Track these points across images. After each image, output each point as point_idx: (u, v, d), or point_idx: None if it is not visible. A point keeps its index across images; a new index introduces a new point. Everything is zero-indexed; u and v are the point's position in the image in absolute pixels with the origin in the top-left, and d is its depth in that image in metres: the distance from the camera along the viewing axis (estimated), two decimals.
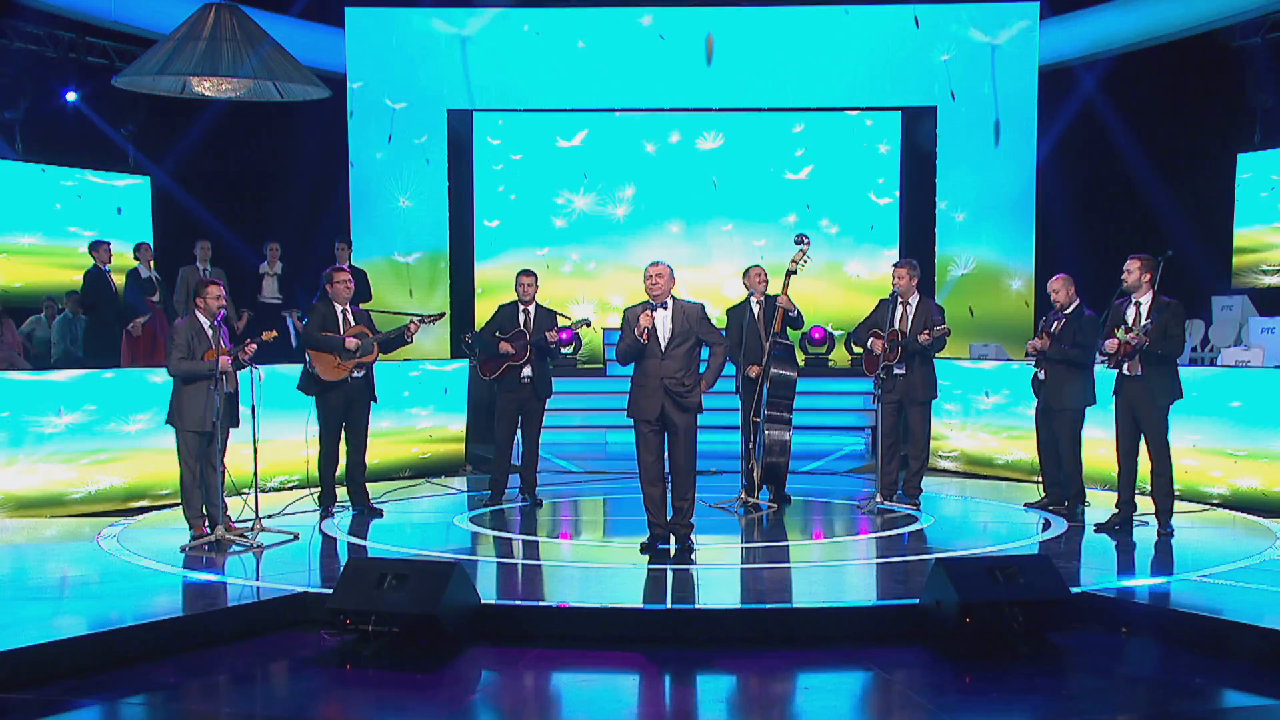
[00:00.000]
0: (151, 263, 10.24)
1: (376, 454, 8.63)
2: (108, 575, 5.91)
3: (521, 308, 7.86)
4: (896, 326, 7.64)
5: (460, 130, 12.51)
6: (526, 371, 7.78)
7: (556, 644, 4.99)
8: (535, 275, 7.94)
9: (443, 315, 7.93)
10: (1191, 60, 11.88)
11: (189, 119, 12.04)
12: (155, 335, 9.87)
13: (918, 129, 12.37)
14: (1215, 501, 7.78)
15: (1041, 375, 7.39)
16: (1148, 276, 6.69)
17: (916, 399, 7.66)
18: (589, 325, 8.09)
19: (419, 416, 9.58)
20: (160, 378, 7.37)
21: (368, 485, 7.70)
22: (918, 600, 5.10)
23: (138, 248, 10.34)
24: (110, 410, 7.76)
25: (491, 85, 12.44)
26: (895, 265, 7.82)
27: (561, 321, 7.89)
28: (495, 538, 6.97)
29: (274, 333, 6.85)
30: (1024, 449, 9.01)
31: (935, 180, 12.22)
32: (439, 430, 9.71)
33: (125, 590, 5.59)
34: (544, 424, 8.10)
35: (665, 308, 6.20)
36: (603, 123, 12.83)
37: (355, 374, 7.36)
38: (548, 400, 7.99)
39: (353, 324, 7.42)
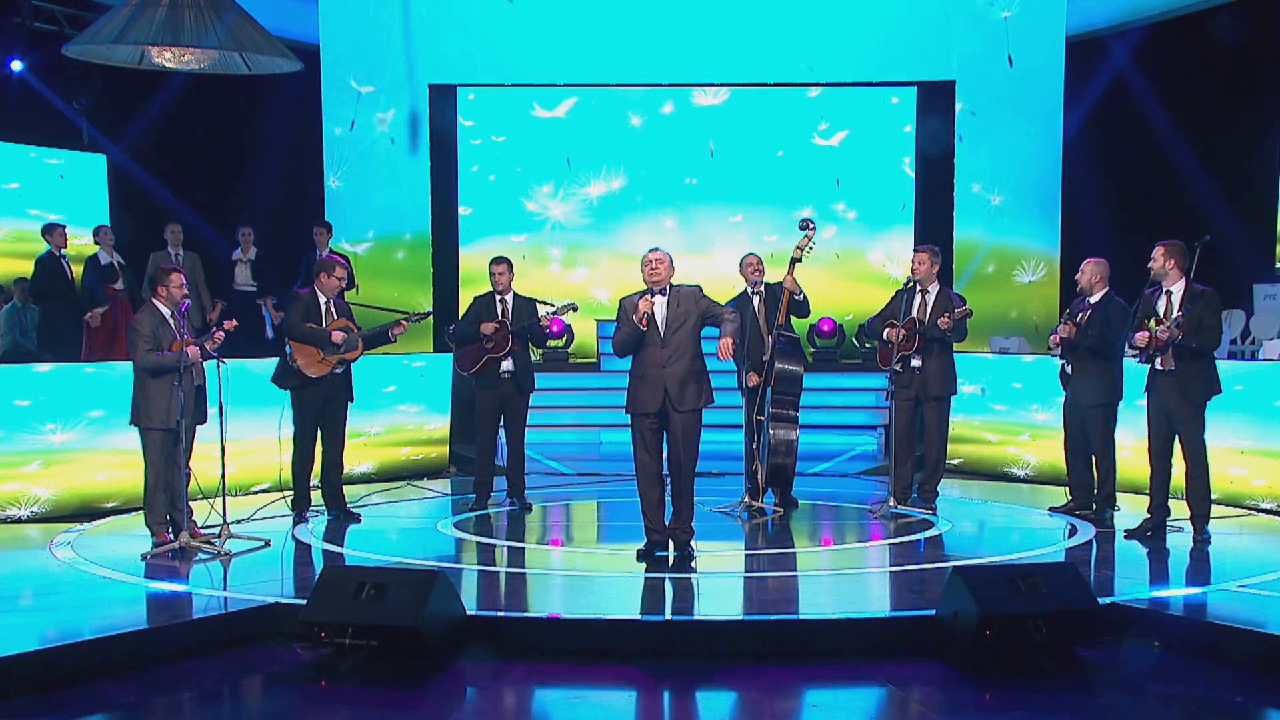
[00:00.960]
0: (112, 247, 10.22)
1: (355, 456, 8.66)
2: (62, 585, 5.90)
3: (498, 298, 7.87)
4: (914, 315, 7.64)
5: (442, 107, 12.49)
6: (507, 365, 7.79)
7: (547, 658, 5.00)
8: (509, 262, 7.94)
9: (429, 314, 7.93)
10: (1232, 28, 11.80)
11: (149, 93, 11.98)
12: (116, 325, 9.86)
13: (936, 105, 12.36)
14: (1262, 507, 7.77)
15: (1069, 368, 7.39)
16: (1173, 263, 6.67)
17: (933, 394, 7.66)
18: (575, 309, 8.09)
19: (402, 414, 9.60)
20: (100, 370, 7.35)
21: (344, 488, 7.71)
22: (934, 612, 5.11)
23: (97, 231, 10.30)
24: (45, 410, 7.69)
25: (476, 59, 12.43)
26: (916, 250, 7.84)
27: (542, 309, 7.87)
28: (481, 544, 6.97)
29: (234, 322, 6.83)
30: (1036, 449, 9.05)
31: (954, 160, 12.21)
32: (419, 429, 9.72)
33: (82, 601, 5.58)
34: (533, 423, 8.09)
35: (663, 294, 6.22)
36: (592, 97, 12.81)
37: (336, 370, 7.36)
38: (531, 395, 7.99)
39: (336, 317, 7.42)
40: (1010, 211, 12.15)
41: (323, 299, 7.41)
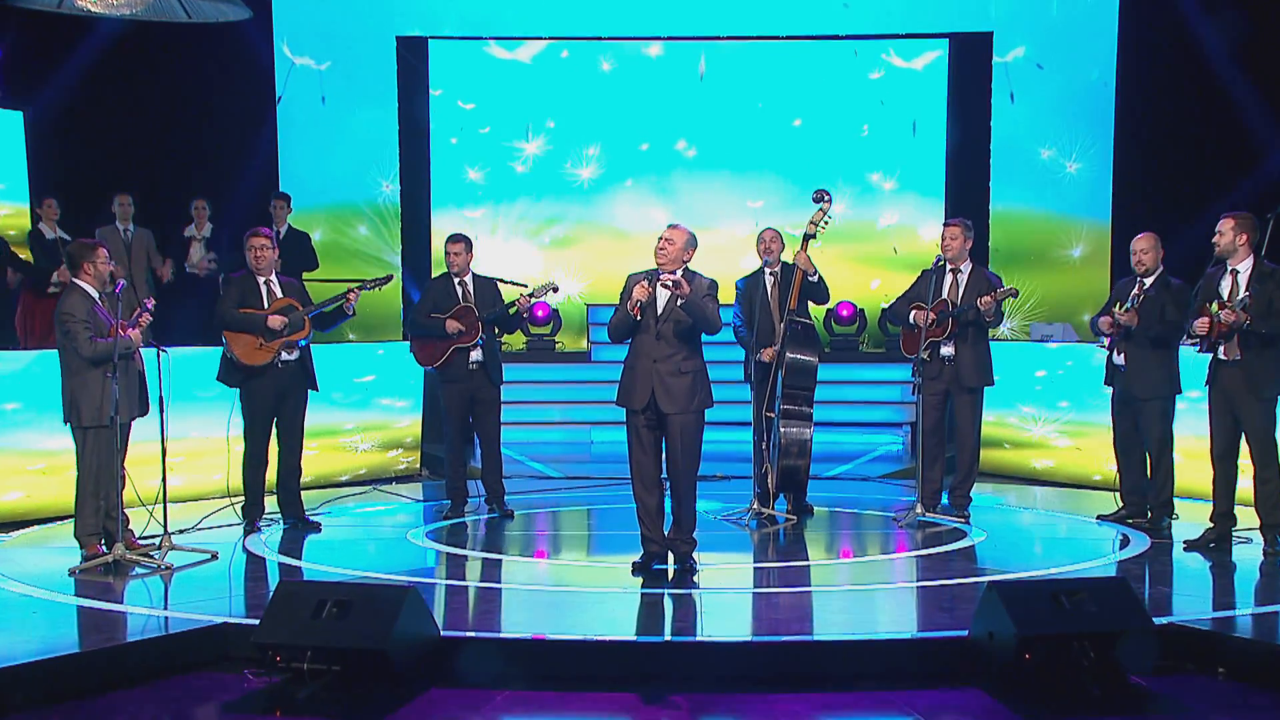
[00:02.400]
0: (56, 223, 10.09)
1: (316, 457, 8.64)
2: None
3: (456, 280, 7.84)
4: (945, 296, 7.62)
5: (412, 62, 12.43)
6: (476, 355, 7.76)
7: (532, 684, 4.99)
8: (467, 240, 7.92)
9: (390, 278, 7.85)
10: None
11: (74, 42, 11.82)
12: (35, 313, 9.81)
13: (970, 60, 12.31)
14: None
15: (1120, 359, 7.37)
16: (1244, 238, 6.63)
17: (966, 386, 7.64)
18: (556, 290, 8.05)
19: (372, 410, 9.60)
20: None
21: (303, 493, 7.69)
22: (967, 632, 5.10)
23: (40, 203, 10.21)
24: None
25: (451, 8, 12.39)
26: (946, 224, 7.81)
27: (512, 293, 7.82)
28: (457, 557, 6.96)
29: (152, 301, 6.76)
30: (1075, 450, 9.05)
31: (990, 122, 12.17)
32: (386, 426, 9.71)
33: (1, 622, 5.55)
34: (516, 420, 8.08)
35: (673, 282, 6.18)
36: (574, 50, 12.81)
37: (286, 357, 7.32)
38: (502, 387, 7.97)
39: (279, 297, 7.38)
40: (1054, 180, 12.11)
41: (261, 279, 7.36)
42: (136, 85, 11.83)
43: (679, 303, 6.08)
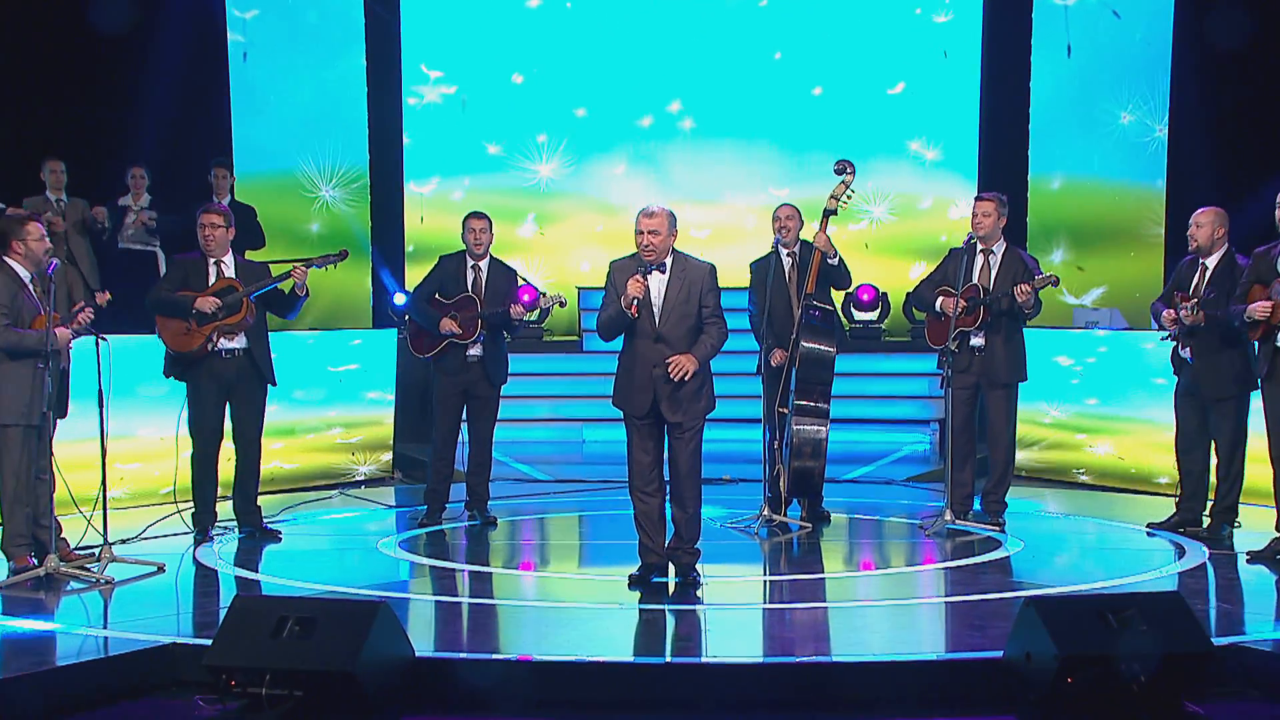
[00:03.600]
0: None
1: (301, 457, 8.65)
2: None
3: (471, 263, 7.80)
4: (976, 281, 7.60)
5: (382, 14, 12.37)
6: (475, 350, 7.75)
7: (517, 710, 4.97)
8: (489, 219, 7.88)
9: (344, 255, 7.77)
10: None
11: None
12: None
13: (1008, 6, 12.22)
14: None
15: (1186, 352, 7.34)
16: None
17: (999, 381, 7.63)
18: (564, 304, 8.08)
19: (340, 405, 9.60)
20: None
21: (260, 498, 7.68)
22: (1002, 654, 5.10)
23: None
24: None
25: None
26: (978, 199, 7.77)
27: (520, 306, 7.79)
28: (434, 569, 6.96)
29: (107, 295, 6.73)
30: (1123, 449, 9.05)
31: (1030, 78, 12.07)
32: (359, 425, 9.71)
33: None
34: (501, 417, 8.07)
35: (663, 270, 6.16)
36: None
37: (227, 345, 7.28)
38: (503, 386, 7.95)
39: (232, 278, 7.35)
40: (1100, 145, 11.98)
41: (210, 260, 7.33)
42: (67, 36, 11.68)
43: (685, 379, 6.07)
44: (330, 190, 12.14)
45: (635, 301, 6.06)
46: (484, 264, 7.81)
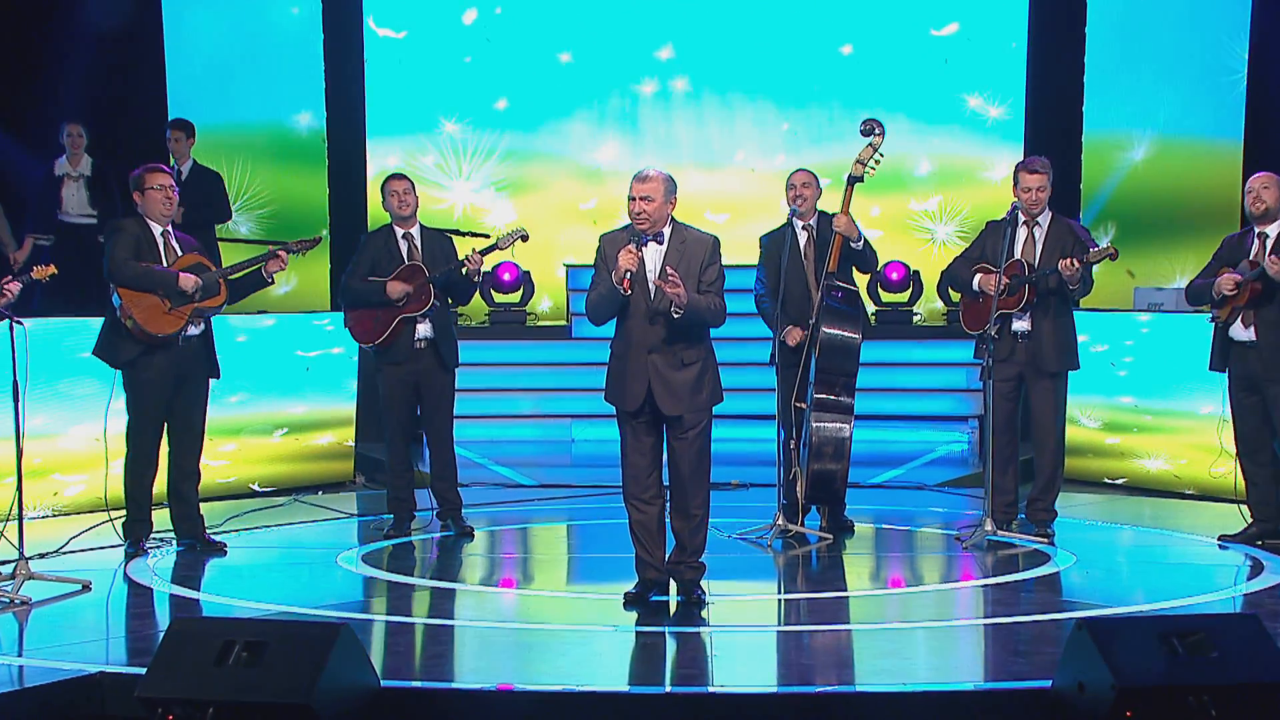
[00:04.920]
0: None
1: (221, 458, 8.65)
2: None
3: (401, 232, 7.83)
4: (1019, 256, 7.60)
5: None
6: (424, 330, 7.76)
7: None
8: (411, 180, 7.92)
9: (319, 240, 7.85)
10: None
11: None
12: None
13: None
14: None
15: (1248, 332, 7.33)
16: None
17: (1046, 370, 7.64)
18: (525, 239, 8.01)
19: (293, 399, 9.63)
20: None
21: (203, 505, 7.68)
22: (1050, 683, 5.09)
23: None
24: None
25: None
26: (1027, 169, 7.67)
27: (476, 244, 7.74)
28: (402, 586, 6.96)
29: (51, 268, 6.73)
30: (1185, 450, 9.07)
31: (1084, 27, 12.03)
32: (314, 422, 9.71)
33: None
34: (477, 412, 8.10)
35: (660, 241, 6.16)
36: None
37: (191, 331, 7.30)
38: (458, 371, 7.98)
39: (180, 254, 7.35)
40: (1165, 99, 11.92)
41: (157, 229, 7.32)
42: None
43: (674, 309, 5.99)
44: (283, 156, 12.11)
45: (628, 275, 6.04)
46: (414, 231, 7.84)
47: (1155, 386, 9.45)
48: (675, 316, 6.00)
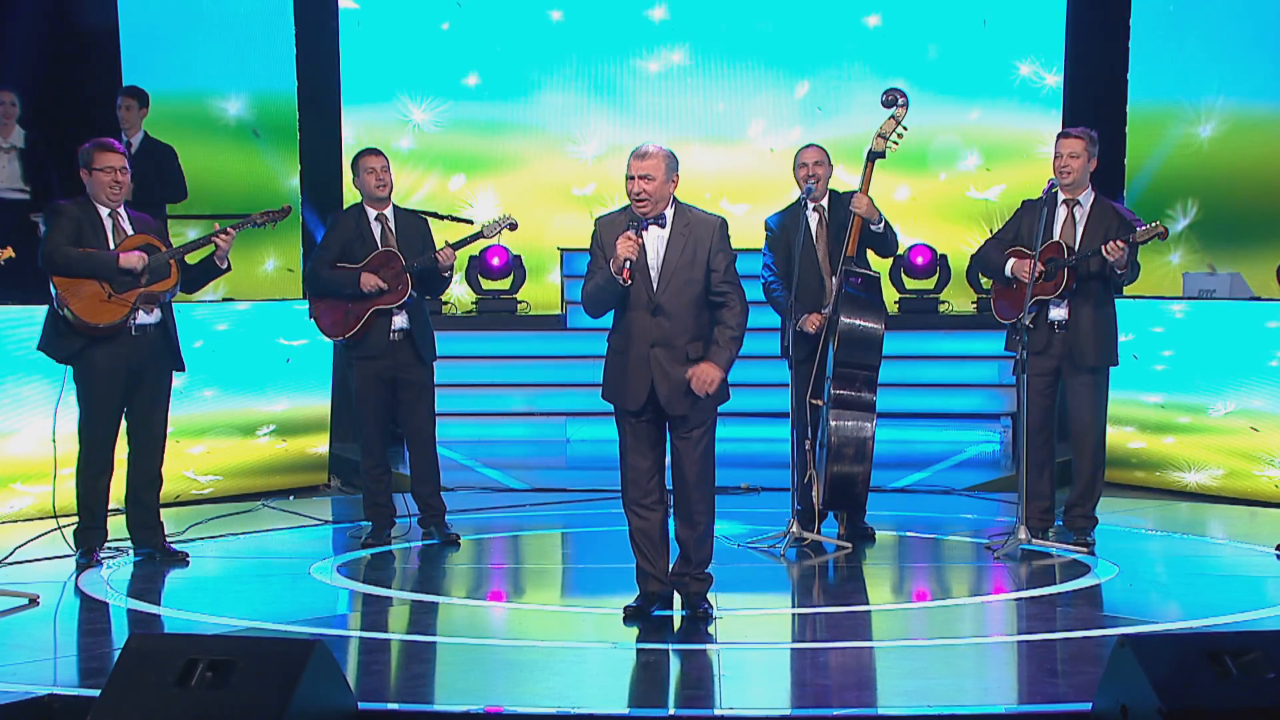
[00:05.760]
0: None
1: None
2: None
3: (374, 214, 7.84)
4: (1058, 238, 7.58)
5: None
6: (399, 321, 7.76)
7: None
8: (386, 157, 7.93)
9: (286, 211, 7.80)
10: None
11: None
12: None
13: None
14: None
15: None
16: None
17: (1085, 363, 7.65)
18: (513, 228, 8.01)
19: (260, 396, 9.64)
20: None
21: (163, 512, 7.69)
22: (1090, 706, 5.09)
23: None
24: None
25: None
26: (1062, 135, 7.75)
27: (459, 231, 7.76)
28: (381, 599, 6.97)
29: (9, 251, 6.72)
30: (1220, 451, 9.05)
31: None
32: (284, 421, 9.74)
33: None
34: (463, 410, 8.10)
35: (661, 224, 6.15)
36: None
37: (144, 319, 7.29)
38: (436, 365, 8.00)
39: (129, 233, 7.34)
40: (1226, 54, 11.86)
41: (104, 211, 7.31)
42: None
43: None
44: (247, 128, 12.10)
45: (628, 264, 6.04)
46: (388, 213, 7.85)
47: (1198, 381, 9.43)
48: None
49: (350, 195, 12.30)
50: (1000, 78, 12.64)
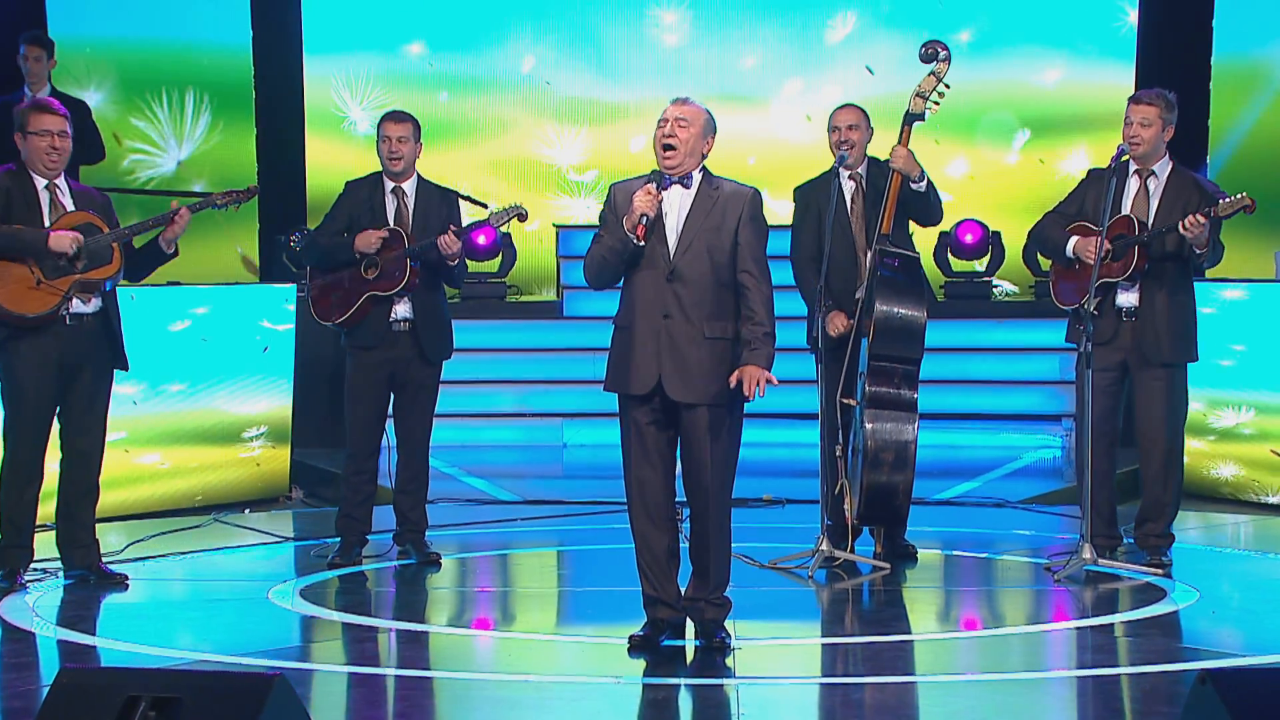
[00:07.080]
0: None
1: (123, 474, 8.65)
2: None
3: (391, 186, 7.85)
4: (1128, 212, 7.58)
5: None
6: (403, 310, 7.78)
7: None
8: (415, 122, 7.92)
9: (252, 192, 7.85)
10: None
11: None
12: None
13: None
14: None
15: None
16: None
17: (1158, 358, 7.65)
18: (523, 218, 8.03)
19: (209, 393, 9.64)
20: None
21: (99, 527, 7.69)
22: None
23: None
24: None
25: None
26: (1133, 101, 7.72)
27: (474, 213, 7.80)
28: (350, 628, 6.99)
29: None
30: None
31: None
32: (238, 422, 9.75)
33: None
34: (448, 411, 8.13)
35: (686, 186, 6.15)
36: None
37: (80, 308, 7.31)
38: (443, 366, 8.00)
39: (72, 209, 7.35)
40: None
41: (40, 182, 7.32)
42: None
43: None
44: (194, 86, 12.12)
45: (645, 220, 6.03)
46: (408, 186, 7.85)
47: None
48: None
49: (314, 166, 12.43)
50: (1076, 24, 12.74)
